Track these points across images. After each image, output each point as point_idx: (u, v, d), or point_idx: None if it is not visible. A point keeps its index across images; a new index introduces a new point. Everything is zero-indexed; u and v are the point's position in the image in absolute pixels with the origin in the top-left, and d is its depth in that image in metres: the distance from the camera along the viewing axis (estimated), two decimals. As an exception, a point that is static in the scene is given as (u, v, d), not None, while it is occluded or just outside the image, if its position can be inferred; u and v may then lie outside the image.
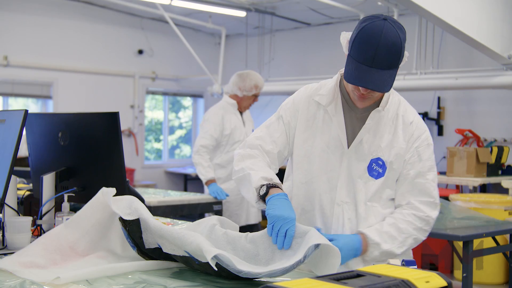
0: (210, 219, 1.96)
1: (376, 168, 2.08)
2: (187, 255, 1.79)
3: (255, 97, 4.65)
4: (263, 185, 1.95)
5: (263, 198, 1.95)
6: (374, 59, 1.86)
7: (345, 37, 1.99)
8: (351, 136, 2.09)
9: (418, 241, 2.09)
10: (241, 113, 4.73)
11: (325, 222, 2.13)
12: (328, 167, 2.11)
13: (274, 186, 1.95)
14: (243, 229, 4.62)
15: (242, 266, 1.65)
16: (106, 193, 1.98)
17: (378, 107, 2.07)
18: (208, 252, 1.64)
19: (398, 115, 2.10)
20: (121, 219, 1.91)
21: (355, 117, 2.10)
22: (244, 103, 4.67)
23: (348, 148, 2.09)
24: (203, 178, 4.58)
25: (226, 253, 1.69)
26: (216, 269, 1.64)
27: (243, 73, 4.66)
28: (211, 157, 4.65)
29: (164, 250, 1.86)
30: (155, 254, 1.90)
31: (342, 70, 2.15)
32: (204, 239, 1.74)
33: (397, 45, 1.87)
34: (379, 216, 2.09)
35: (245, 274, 1.63)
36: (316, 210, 2.14)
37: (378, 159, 2.08)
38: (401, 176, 2.10)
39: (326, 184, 2.11)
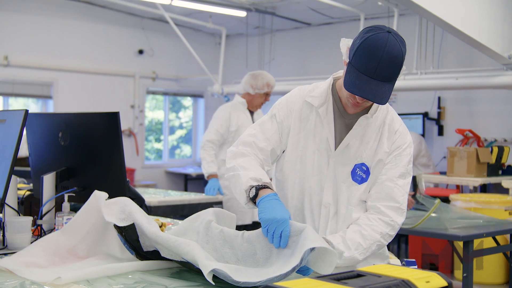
0: (206, 214, 1.96)
1: (360, 173, 2.10)
2: (184, 260, 1.80)
3: (266, 95, 4.74)
4: (252, 186, 1.96)
5: (253, 200, 1.95)
6: (376, 70, 1.87)
7: (345, 44, 2.00)
8: (338, 140, 2.12)
9: (381, 246, 2.09)
10: (252, 113, 4.78)
11: (314, 223, 2.15)
12: (318, 169, 2.13)
13: (264, 187, 1.95)
14: (249, 227, 4.64)
15: (240, 276, 1.65)
16: (98, 197, 1.97)
17: (366, 113, 2.09)
18: (204, 267, 1.64)
19: (385, 123, 2.13)
20: (115, 226, 1.91)
21: (344, 122, 2.12)
22: (256, 101, 4.75)
23: (334, 151, 2.11)
24: (205, 172, 4.64)
25: (222, 265, 1.69)
26: (213, 283, 1.65)
27: (255, 72, 4.80)
28: (217, 153, 4.68)
29: (162, 255, 1.86)
30: (154, 256, 1.90)
31: (336, 74, 2.18)
32: (199, 249, 1.74)
33: (399, 59, 1.89)
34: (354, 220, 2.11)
35: (243, 284, 1.63)
36: (306, 211, 2.16)
37: (363, 164, 2.10)
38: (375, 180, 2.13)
39: (316, 186, 2.13)
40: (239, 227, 4.54)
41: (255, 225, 4.71)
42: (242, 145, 2.14)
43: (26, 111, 2.16)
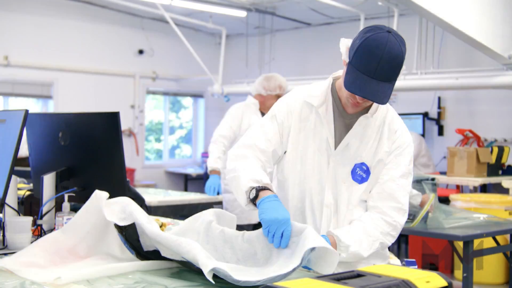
0: (206, 214, 1.96)
1: (360, 173, 2.11)
2: (184, 260, 1.79)
3: (278, 97, 4.76)
4: (253, 188, 1.96)
5: (253, 201, 1.96)
6: (377, 70, 1.87)
7: (345, 44, 2.00)
8: (338, 139, 2.12)
9: (384, 246, 2.10)
10: (263, 114, 4.80)
11: (315, 223, 2.15)
12: (319, 169, 2.13)
13: (264, 188, 1.95)
14: (257, 226, 4.63)
15: (240, 275, 1.65)
16: (99, 197, 1.97)
17: (366, 113, 2.09)
18: (205, 266, 1.64)
19: (384, 123, 2.13)
20: (116, 225, 1.91)
21: (344, 121, 2.12)
22: (267, 103, 4.78)
23: (334, 150, 2.11)
24: (209, 166, 4.66)
25: (223, 264, 1.69)
26: (213, 282, 1.65)
27: (268, 74, 4.89)
28: (227, 150, 4.68)
29: (162, 254, 1.86)
30: (154, 256, 1.90)
31: (335, 74, 2.18)
32: (200, 248, 1.74)
33: (399, 59, 1.90)
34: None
35: (243, 283, 1.63)
36: (307, 211, 2.16)
37: (363, 164, 2.11)
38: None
39: (316, 186, 2.13)
40: (247, 227, 4.55)
41: (260, 225, 4.69)
42: (243, 147, 2.14)
43: (26, 111, 2.16)
